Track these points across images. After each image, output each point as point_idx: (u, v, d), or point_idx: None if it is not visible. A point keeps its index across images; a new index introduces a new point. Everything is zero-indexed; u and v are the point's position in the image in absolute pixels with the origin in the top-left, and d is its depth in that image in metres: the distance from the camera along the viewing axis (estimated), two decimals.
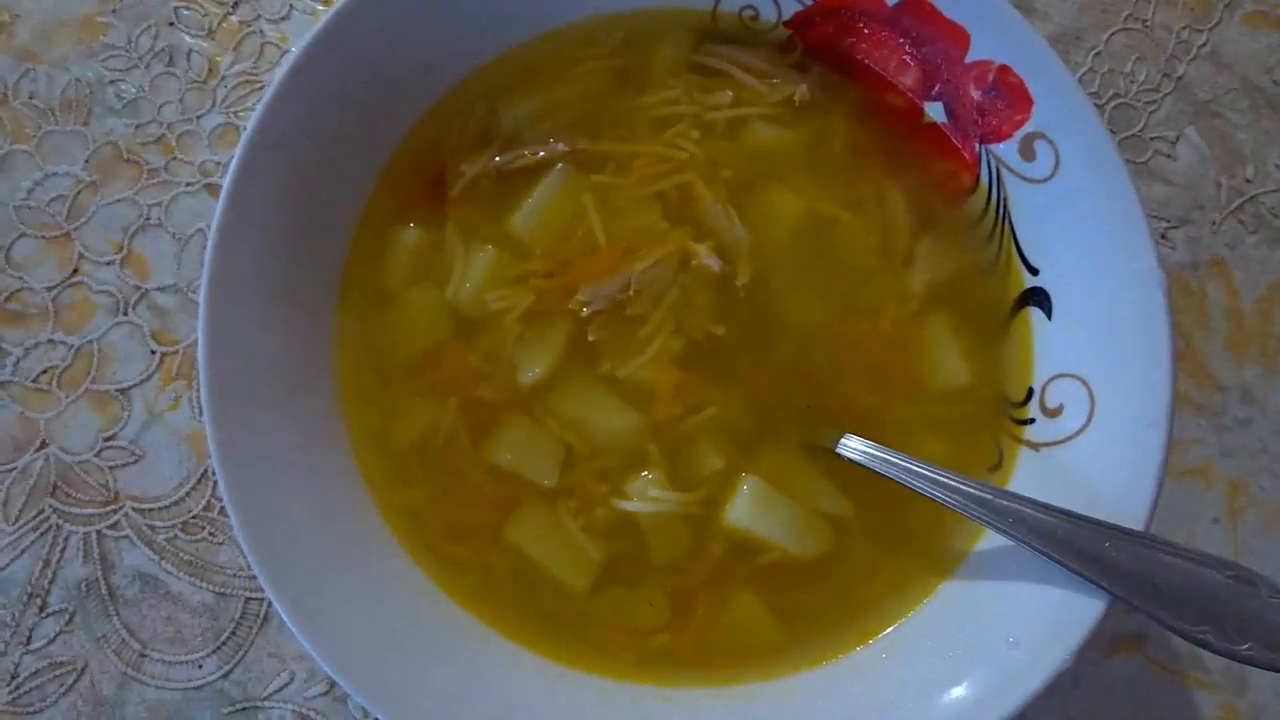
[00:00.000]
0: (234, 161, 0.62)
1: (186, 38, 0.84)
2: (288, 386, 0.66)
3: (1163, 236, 0.85)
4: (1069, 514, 0.61)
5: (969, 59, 0.69)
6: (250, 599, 0.76)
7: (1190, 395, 0.83)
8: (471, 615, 0.68)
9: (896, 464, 0.66)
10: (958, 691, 0.63)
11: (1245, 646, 0.57)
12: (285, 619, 0.60)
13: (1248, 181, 0.86)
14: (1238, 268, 0.85)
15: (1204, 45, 0.89)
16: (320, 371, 0.69)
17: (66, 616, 0.75)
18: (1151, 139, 0.87)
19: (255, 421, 0.63)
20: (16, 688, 0.74)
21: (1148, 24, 0.89)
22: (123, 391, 0.78)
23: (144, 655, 0.75)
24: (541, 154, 0.72)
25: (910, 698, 0.64)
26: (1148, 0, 0.89)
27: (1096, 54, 0.88)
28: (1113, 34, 0.88)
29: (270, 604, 0.73)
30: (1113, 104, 0.87)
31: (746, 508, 0.68)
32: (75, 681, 0.74)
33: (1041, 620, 0.62)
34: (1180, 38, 0.88)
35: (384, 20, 0.67)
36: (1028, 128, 0.69)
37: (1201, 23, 0.89)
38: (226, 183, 0.62)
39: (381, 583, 0.67)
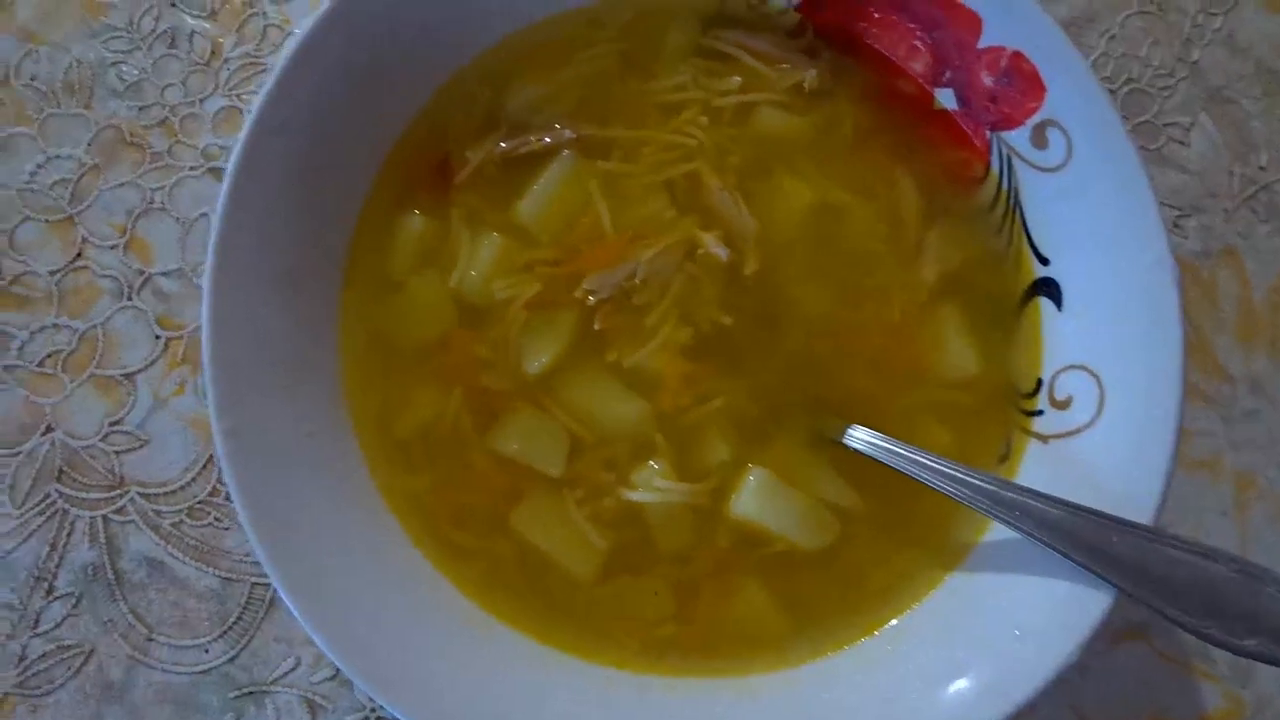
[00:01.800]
0: (236, 150, 0.62)
1: (189, 19, 0.83)
2: (292, 374, 0.66)
3: (1174, 225, 0.84)
4: (1075, 507, 0.61)
5: (981, 45, 0.68)
6: (256, 584, 0.76)
7: (1199, 386, 0.82)
8: (476, 603, 0.68)
9: (903, 455, 0.66)
10: (962, 684, 0.63)
11: (1251, 642, 0.57)
12: (290, 605, 0.60)
13: (1261, 169, 0.85)
14: (1249, 257, 0.84)
15: (1219, 29, 0.87)
16: (325, 359, 0.69)
17: (73, 600, 0.75)
18: (1165, 125, 0.86)
19: (260, 410, 0.63)
20: (24, 670, 0.74)
21: (1163, 7, 0.87)
22: (128, 376, 0.78)
23: (151, 639, 0.75)
24: (547, 140, 0.72)
25: (915, 689, 0.64)
26: None
27: (1110, 37, 0.87)
28: (1127, 17, 0.87)
29: (276, 589, 0.73)
30: (1126, 89, 0.86)
31: (753, 498, 0.68)
32: (83, 665, 0.75)
33: (1048, 613, 0.62)
34: (1196, 21, 0.87)
35: (387, 5, 0.66)
36: (1040, 115, 0.68)
37: (1217, 6, 0.88)
38: (229, 172, 0.62)
39: (387, 570, 0.67)
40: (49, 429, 0.77)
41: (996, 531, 0.68)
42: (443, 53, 0.71)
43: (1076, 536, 0.60)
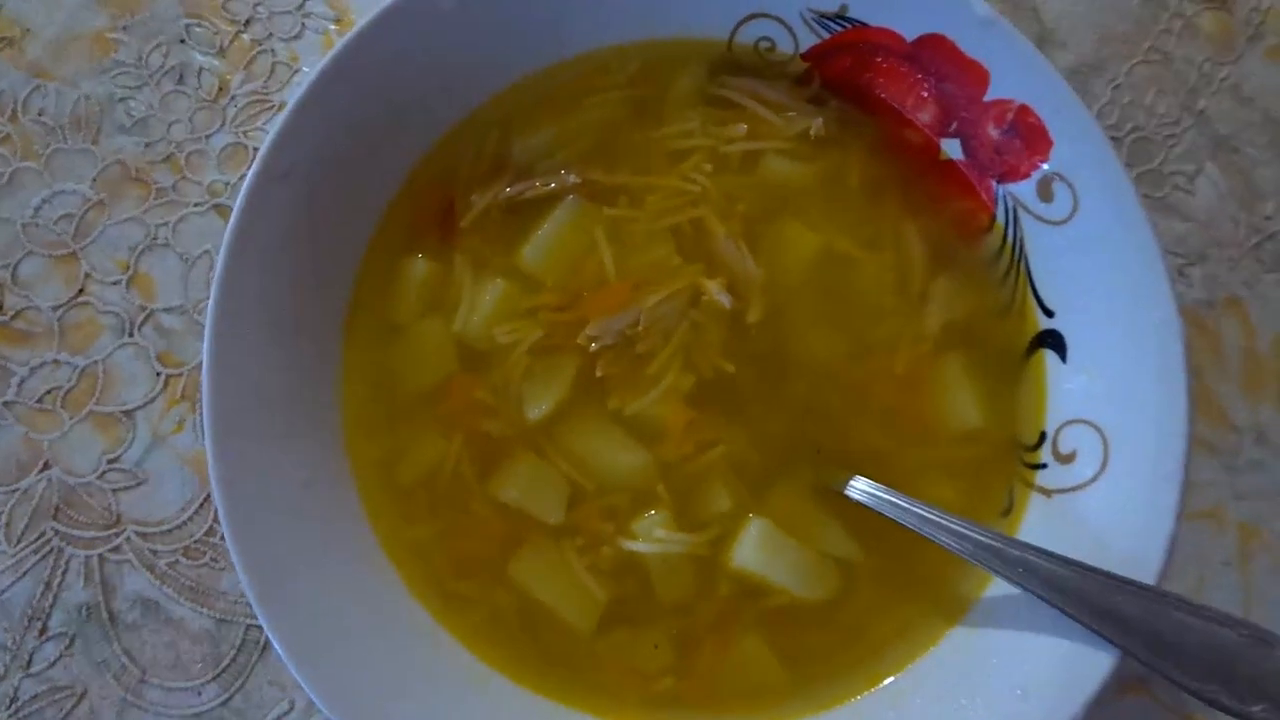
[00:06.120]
0: (242, 193, 0.62)
1: (197, 55, 0.83)
2: (292, 420, 0.65)
3: (1179, 274, 0.84)
4: (1079, 565, 0.60)
5: (988, 97, 0.69)
6: (251, 626, 0.75)
7: (1203, 436, 0.82)
8: (474, 654, 0.67)
9: (905, 508, 0.65)
10: None
11: (1258, 708, 0.56)
12: (279, 651, 0.60)
13: (1267, 219, 0.85)
14: (1255, 306, 0.84)
15: (1226, 79, 0.87)
16: (325, 404, 0.68)
17: (67, 640, 0.75)
18: (1170, 174, 0.86)
19: (258, 457, 0.63)
20: (15, 712, 0.74)
21: (1169, 56, 0.87)
22: (127, 413, 0.78)
23: (144, 681, 0.74)
24: (553, 185, 0.72)
25: None
26: (1169, 32, 0.87)
27: (1116, 86, 0.87)
28: (1133, 65, 0.87)
29: (268, 635, 0.72)
30: (1131, 137, 0.86)
31: (754, 550, 0.67)
32: (75, 706, 0.74)
33: (1050, 672, 0.62)
34: (1202, 71, 0.87)
35: (395, 50, 0.66)
36: (1046, 169, 0.68)
37: (1224, 56, 0.88)
38: (234, 215, 0.62)
39: (382, 618, 0.66)
40: (46, 466, 0.77)
41: (999, 586, 0.67)
42: (450, 99, 0.71)
43: (1081, 595, 0.60)
